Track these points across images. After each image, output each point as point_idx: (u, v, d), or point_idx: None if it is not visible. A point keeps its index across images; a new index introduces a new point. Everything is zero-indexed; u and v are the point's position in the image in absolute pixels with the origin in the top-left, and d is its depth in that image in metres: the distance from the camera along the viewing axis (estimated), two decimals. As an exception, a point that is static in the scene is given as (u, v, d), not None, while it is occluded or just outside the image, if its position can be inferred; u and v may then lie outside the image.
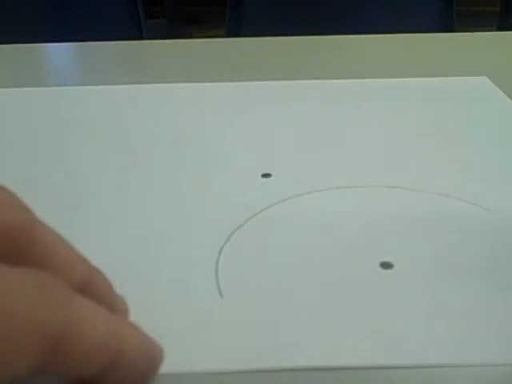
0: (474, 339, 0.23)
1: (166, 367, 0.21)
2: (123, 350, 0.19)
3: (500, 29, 1.37)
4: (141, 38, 1.11)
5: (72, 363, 0.18)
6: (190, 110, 0.44)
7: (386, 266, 0.27)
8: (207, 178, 0.35)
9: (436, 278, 0.27)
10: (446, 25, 1.10)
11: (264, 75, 0.50)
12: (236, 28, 1.11)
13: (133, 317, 0.23)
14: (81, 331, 0.17)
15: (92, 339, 0.18)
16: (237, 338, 0.23)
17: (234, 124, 0.42)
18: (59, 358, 0.17)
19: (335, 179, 0.34)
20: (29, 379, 0.17)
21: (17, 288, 0.16)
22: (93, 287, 0.21)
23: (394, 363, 0.22)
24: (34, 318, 0.16)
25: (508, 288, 0.26)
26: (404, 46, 0.59)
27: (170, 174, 0.35)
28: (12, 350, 0.16)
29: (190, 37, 1.91)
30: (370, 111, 0.44)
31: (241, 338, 0.23)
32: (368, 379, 0.22)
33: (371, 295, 0.26)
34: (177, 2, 1.85)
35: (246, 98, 0.46)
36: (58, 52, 0.62)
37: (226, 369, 0.22)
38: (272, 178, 0.35)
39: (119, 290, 0.22)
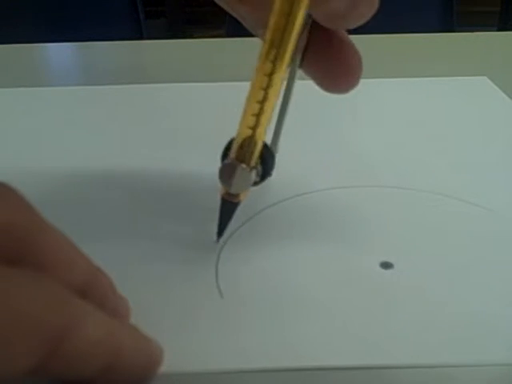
0: (474, 339, 0.23)
1: (165, 367, 0.21)
2: (122, 352, 0.19)
3: (500, 29, 1.37)
4: (141, 38, 1.11)
5: (70, 364, 0.18)
6: (189, 110, 0.44)
7: (386, 265, 0.27)
8: (207, 177, 0.35)
9: (436, 278, 0.27)
10: (446, 25, 1.10)
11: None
12: (236, 28, 1.11)
13: (133, 317, 0.23)
14: (79, 333, 0.17)
15: (90, 341, 0.18)
16: (237, 337, 0.23)
17: (234, 124, 0.42)
18: (57, 359, 0.17)
19: (335, 179, 0.34)
20: (27, 379, 0.17)
21: (16, 289, 0.16)
22: (94, 288, 0.21)
23: (394, 363, 0.22)
24: (33, 319, 0.16)
25: (508, 288, 0.26)
26: (404, 46, 0.59)
27: (169, 173, 0.35)
28: (10, 349, 0.16)
29: (190, 37, 1.91)
30: (370, 111, 0.44)
31: (241, 338, 0.23)
32: (368, 379, 0.22)
33: (371, 295, 0.26)
34: (177, 2, 1.85)
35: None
36: (58, 52, 0.62)
37: (226, 369, 0.22)
38: (272, 177, 0.35)
39: (119, 289, 0.22)
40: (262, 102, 0.24)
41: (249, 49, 0.60)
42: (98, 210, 0.32)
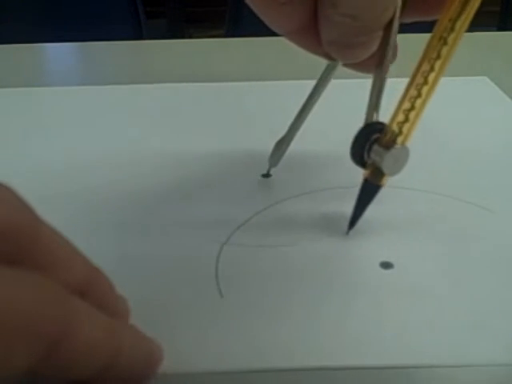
0: (474, 339, 0.23)
1: (165, 367, 0.21)
2: (121, 351, 0.19)
3: (500, 29, 1.37)
4: (141, 37, 1.11)
5: (69, 364, 0.18)
6: (189, 110, 0.44)
7: (386, 265, 0.27)
8: (207, 177, 0.35)
9: (436, 278, 0.27)
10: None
11: (264, 75, 0.50)
12: (236, 28, 1.11)
13: (133, 317, 0.23)
14: (78, 333, 0.17)
15: (89, 340, 0.18)
16: (237, 337, 0.23)
17: (234, 124, 0.42)
18: (56, 358, 0.17)
19: (335, 179, 0.34)
20: (27, 379, 0.17)
21: (14, 289, 0.16)
22: (93, 288, 0.21)
23: (394, 363, 0.22)
24: (31, 319, 0.16)
25: (508, 288, 0.26)
26: (404, 46, 0.59)
27: (169, 173, 0.35)
28: (8, 349, 0.16)
29: (190, 37, 1.91)
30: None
31: (241, 338, 0.23)
32: (368, 379, 0.22)
33: (371, 295, 0.26)
34: (177, 1, 1.85)
35: (246, 97, 0.46)
36: (58, 52, 0.62)
37: (226, 369, 0.22)
38: (272, 178, 0.35)
39: (119, 289, 0.22)
40: (422, 86, 0.25)
41: (249, 49, 0.60)
42: (97, 210, 0.32)
